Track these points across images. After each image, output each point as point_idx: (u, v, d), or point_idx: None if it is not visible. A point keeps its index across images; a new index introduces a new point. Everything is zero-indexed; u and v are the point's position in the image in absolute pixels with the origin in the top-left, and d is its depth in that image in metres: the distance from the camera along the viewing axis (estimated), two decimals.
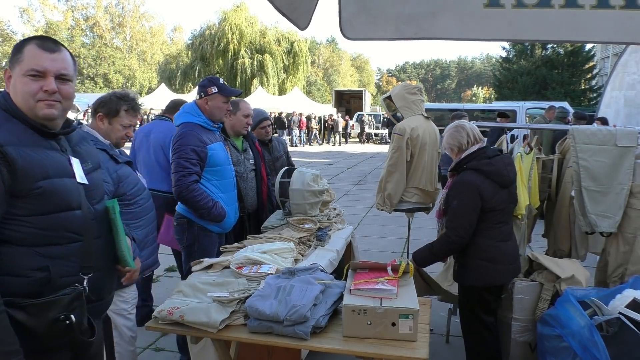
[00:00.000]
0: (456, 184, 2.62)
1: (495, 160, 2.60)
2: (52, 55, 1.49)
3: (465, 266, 2.68)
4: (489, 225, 2.58)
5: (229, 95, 3.01)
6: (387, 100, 4.13)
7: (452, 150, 2.73)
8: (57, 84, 1.49)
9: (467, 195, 2.54)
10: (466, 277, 2.68)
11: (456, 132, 2.71)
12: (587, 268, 3.15)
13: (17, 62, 1.48)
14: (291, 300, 1.99)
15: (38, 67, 1.46)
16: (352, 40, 2.20)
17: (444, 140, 2.78)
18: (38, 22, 44.10)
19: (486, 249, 2.60)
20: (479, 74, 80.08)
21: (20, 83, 1.47)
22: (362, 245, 5.24)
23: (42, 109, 1.48)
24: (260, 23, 35.38)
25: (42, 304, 1.42)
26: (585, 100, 26.36)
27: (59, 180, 1.49)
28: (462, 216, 2.55)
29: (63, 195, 1.49)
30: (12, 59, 1.50)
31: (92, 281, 1.56)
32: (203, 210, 2.86)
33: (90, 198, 1.61)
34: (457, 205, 2.56)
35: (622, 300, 2.44)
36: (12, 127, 1.45)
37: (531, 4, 1.99)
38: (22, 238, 1.43)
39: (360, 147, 24.46)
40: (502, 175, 2.58)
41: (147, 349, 3.42)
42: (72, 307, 1.47)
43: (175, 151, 2.88)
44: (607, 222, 3.08)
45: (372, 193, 5.33)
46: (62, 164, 1.53)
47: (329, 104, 34.63)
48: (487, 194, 2.53)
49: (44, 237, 1.46)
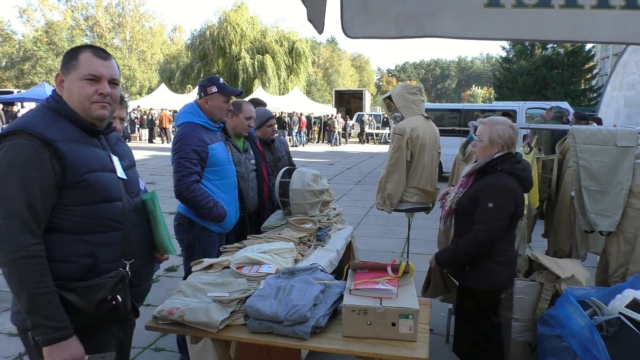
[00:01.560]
0: (494, 186, 2.49)
1: (523, 164, 2.56)
2: (105, 62, 1.68)
3: (479, 269, 2.59)
4: (509, 229, 2.56)
5: (229, 94, 3.01)
6: (387, 100, 4.14)
7: (495, 146, 2.53)
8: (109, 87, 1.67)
9: (504, 199, 2.46)
10: (479, 280, 2.60)
11: (512, 130, 2.55)
12: (587, 268, 3.15)
13: (73, 68, 1.64)
14: (291, 300, 1.99)
15: (95, 73, 1.64)
16: (354, 38, 2.21)
17: (492, 134, 2.54)
18: (38, 22, 44.13)
19: (504, 252, 2.57)
20: (479, 74, 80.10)
21: (77, 87, 1.63)
22: (362, 245, 5.25)
23: (97, 110, 1.66)
24: (260, 23, 35.39)
25: (90, 286, 1.57)
26: (585, 100, 26.36)
27: (102, 174, 1.65)
28: (496, 219, 2.46)
29: (106, 187, 1.65)
30: (66, 65, 1.65)
31: (133, 267, 1.71)
32: (204, 210, 2.86)
33: (129, 192, 1.77)
34: (492, 208, 2.45)
35: (622, 300, 2.44)
36: (61, 125, 1.60)
37: (531, 4, 1.99)
38: (71, 227, 1.58)
39: (361, 147, 24.47)
40: (529, 181, 2.57)
41: (147, 349, 3.42)
42: (117, 289, 1.62)
43: (175, 151, 2.87)
44: (606, 221, 3.08)
45: (372, 193, 5.33)
46: (105, 160, 1.69)
47: (329, 104, 34.63)
48: (519, 200, 2.50)
49: (89, 225, 1.61)
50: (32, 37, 42.10)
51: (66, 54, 1.69)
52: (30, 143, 1.50)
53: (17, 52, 41.54)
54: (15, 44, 42.02)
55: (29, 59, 41.13)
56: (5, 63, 41.96)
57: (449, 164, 11.44)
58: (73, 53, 1.67)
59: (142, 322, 2.15)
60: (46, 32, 42.30)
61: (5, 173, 1.47)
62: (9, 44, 41.56)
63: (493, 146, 2.54)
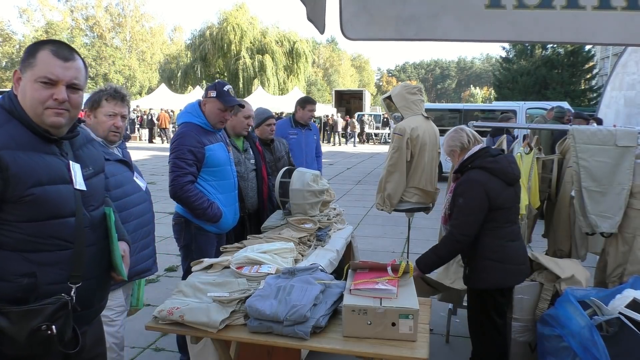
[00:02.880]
0: (462, 183, 2.59)
1: (499, 158, 2.59)
2: (65, 63, 1.48)
3: (475, 269, 2.62)
4: (497, 224, 2.55)
5: (226, 104, 2.94)
6: (387, 100, 4.14)
7: (455, 152, 2.72)
8: (67, 92, 1.48)
9: (473, 193, 2.51)
10: (477, 280, 2.63)
11: (456, 133, 2.74)
12: (587, 268, 3.15)
13: (30, 66, 1.46)
14: (291, 300, 2.00)
15: (50, 75, 1.45)
16: (353, 40, 2.20)
17: (444, 145, 2.78)
18: (38, 22, 44.14)
19: (495, 249, 2.56)
20: (479, 74, 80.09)
21: (30, 88, 1.46)
22: (362, 245, 5.24)
23: (50, 117, 1.47)
24: (260, 23, 35.38)
25: (24, 312, 1.39)
26: (585, 100, 26.37)
27: (52, 187, 1.46)
28: (468, 214, 2.52)
29: (55, 203, 1.47)
30: (24, 62, 1.47)
31: (80, 290, 1.52)
32: (198, 210, 2.86)
33: (87, 204, 1.58)
34: (462, 203, 2.53)
35: (622, 300, 2.44)
36: (11, 129, 1.43)
37: (532, 5, 1.99)
38: (10, 243, 1.41)
39: (361, 147, 24.46)
40: (508, 172, 2.56)
41: (147, 349, 3.42)
42: (55, 317, 1.43)
43: (172, 151, 2.88)
44: (607, 223, 3.08)
45: (372, 193, 5.33)
46: (59, 170, 1.50)
47: (329, 104, 34.60)
48: (493, 192, 2.50)
49: (32, 243, 1.44)
50: (32, 37, 42.09)
51: (26, 49, 1.49)
52: None
53: (17, 52, 41.53)
54: (15, 44, 42.03)
55: None
56: (5, 63, 41.94)
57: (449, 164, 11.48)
58: (32, 49, 1.47)
59: (142, 322, 2.16)
60: (46, 32, 42.27)
61: None
62: (9, 44, 41.57)
63: (455, 154, 2.75)
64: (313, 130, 4.65)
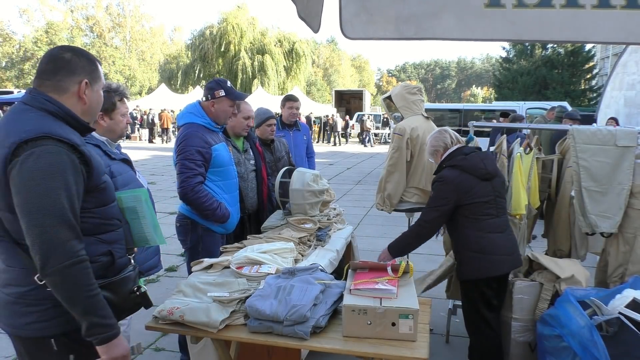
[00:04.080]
0: (435, 181, 2.77)
1: (470, 156, 2.73)
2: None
3: (460, 261, 2.78)
4: (474, 217, 2.67)
5: (236, 99, 3.02)
6: (387, 100, 4.14)
7: (438, 152, 2.85)
8: None
9: (442, 186, 2.69)
10: (463, 272, 2.77)
11: (440, 134, 2.88)
12: (587, 268, 3.15)
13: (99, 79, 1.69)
14: (291, 300, 1.99)
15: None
16: (353, 39, 2.20)
17: (427, 147, 2.92)
18: (38, 22, 44.17)
19: (475, 240, 2.67)
20: (479, 74, 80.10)
21: (99, 95, 1.70)
22: (362, 245, 5.24)
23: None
24: (260, 24, 35.40)
25: (121, 280, 1.67)
26: (585, 100, 26.38)
27: (106, 176, 1.72)
28: (433, 205, 2.71)
29: (112, 188, 1.74)
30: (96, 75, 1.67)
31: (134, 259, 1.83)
32: (208, 211, 2.86)
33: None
34: (432, 196, 2.75)
35: (622, 300, 2.44)
36: (69, 130, 1.57)
37: (532, 3, 1.99)
38: (89, 228, 1.60)
39: (360, 147, 24.46)
40: (478, 168, 2.68)
41: (147, 349, 3.42)
42: (137, 280, 1.74)
43: (179, 152, 2.86)
44: (607, 223, 3.08)
45: (372, 193, 5.33)
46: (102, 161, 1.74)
47: (329, 104, 34.62)
48: (463, 188, 2.64)
49: (104, 225, 1.67)
50: (32, 37, 42.13)
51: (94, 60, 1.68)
52: (61, 149, 1.48)
53: (17, 52, 41.57)
54: (15, 44, 42.06)
55: (29, 59, 41.15)
56: (5, 63, 41.98)
57: None
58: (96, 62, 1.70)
59: (142, 322, 2.16)
60: (46, 32, 42.31)
61: (48, 180, 1.44)
62: (9, 44, 41.59)
63: (436, 155, 2.87)
64: (302, 130, 4.60)
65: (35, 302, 1.54)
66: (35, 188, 1.42)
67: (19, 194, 1.43)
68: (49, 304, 1.54)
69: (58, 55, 1.61)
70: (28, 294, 1.54)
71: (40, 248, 1.41)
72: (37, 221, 1.42)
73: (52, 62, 1.60)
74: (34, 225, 1.42)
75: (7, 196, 1.45)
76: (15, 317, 1.57)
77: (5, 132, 1.48)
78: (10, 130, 1.48)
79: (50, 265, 1.42)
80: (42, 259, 1.41)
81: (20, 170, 1.42)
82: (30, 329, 1.56)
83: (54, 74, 1.59)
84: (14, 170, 1.43)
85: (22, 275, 1.54)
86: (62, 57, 1.61)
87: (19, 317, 1.56)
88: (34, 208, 1.42)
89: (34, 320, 1.56)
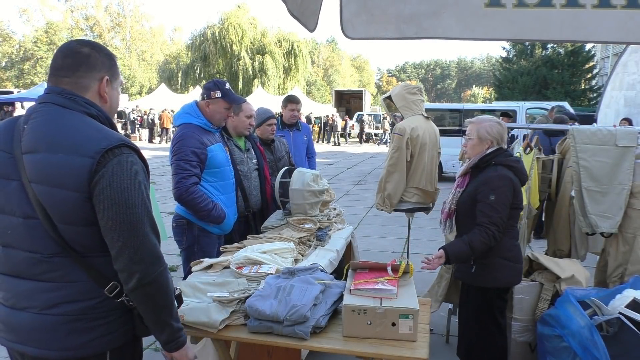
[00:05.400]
0: (492, 179, 2.51)
1: (517, 157, 2.64)
2: None
3: (487, 266, 2.55)
4: (511, 223, 2.55)
5: (232, 102, 2.99)
6: (387, 100, 4.13)
7: (487, 142, 2.59)
8: None
9: (504, 189, 2.47)
10: (489, 279, 2.57)
11: (501, 126, 2.61)
12: (587, 268, 3.15)
13: (118, 76, 1.57)
14: (291, 300, 1.99)
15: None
16: (353, 39, 2.20)
17: (479, 128, 2.60)
18: (38, 22, 44.20)
19: (510, 247, 2.57)
20: (479, 74, 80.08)
21: (118, 93, 1.58)
22: (362, 245, 5.24)
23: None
24: (260, 24, 35.38)
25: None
26: (586, 100, 26.37)
27: None
28: (501, 210, 2.46)
29: None
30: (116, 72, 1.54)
31: None
32: (203, 212, 2.85)
33: None
34: (495, 200, 2.46)
35: (622, 300, 2.44)
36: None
37: (532, 3, 1.99)
38: None
39: (360, 147, 24.46)
40: (524, 172, 2.60)
41: (147, 349, 3.42)
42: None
43: (175, 153, 2.86)
44: (607, 223, 3.08)
45: (372, 193, 5.33)
46: None
47: (329, 104, 34.61)
48: (517, 190, 2.52)
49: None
50: (32, 37, 42.12)
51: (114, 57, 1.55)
52: (134, 156, 1.42)
53: (17, 52, 41.56)
54: (15, 44, 42.06)
55: (29, 59, 41.18)
56: (5, 63, 41.98)
57: (449, 163, 11.46)
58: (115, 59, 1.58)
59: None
60: (46, 32, 42.30)
61: (136, 189, 1.39)
62: (9, 44, 41.58)
63: (483, 143, 2.60)
64: (303, 130, 4.60)
65: (105, 313, 1.43)
66: (130, 200, 1.37)
67: (113, 206, 1.35)
68: (116, 314, 1.45)
69: (76, 50, 1.44)
70: (97, 306, 1.42)
71: (141, 258, 1.38)
72: (138, 232, 1.38)
73: (70, 57, 1.44)
74: (134, 236, 1.37)
75: (87, 209, 1.35)
76: (72, 337, 1.40)
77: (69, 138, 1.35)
78: (75, 137, 1.36)
79: (151, 273, 1.39)
80: (144, 269, 1.38)
81: (112, 182, 1.35)
82: (90, 347, 1.42)
83: (73, 71, 1.43)
84: (103, 181, 1.34)
85: (88, 287, 1.41)
86: (80, 51, 1.44)
87: (77, 335, 1.40)
88: (134, 219, 1.37)
89: (98, 335, 1.43)
